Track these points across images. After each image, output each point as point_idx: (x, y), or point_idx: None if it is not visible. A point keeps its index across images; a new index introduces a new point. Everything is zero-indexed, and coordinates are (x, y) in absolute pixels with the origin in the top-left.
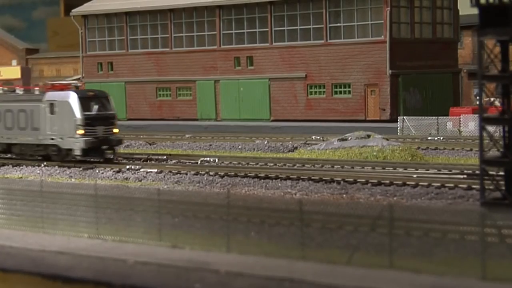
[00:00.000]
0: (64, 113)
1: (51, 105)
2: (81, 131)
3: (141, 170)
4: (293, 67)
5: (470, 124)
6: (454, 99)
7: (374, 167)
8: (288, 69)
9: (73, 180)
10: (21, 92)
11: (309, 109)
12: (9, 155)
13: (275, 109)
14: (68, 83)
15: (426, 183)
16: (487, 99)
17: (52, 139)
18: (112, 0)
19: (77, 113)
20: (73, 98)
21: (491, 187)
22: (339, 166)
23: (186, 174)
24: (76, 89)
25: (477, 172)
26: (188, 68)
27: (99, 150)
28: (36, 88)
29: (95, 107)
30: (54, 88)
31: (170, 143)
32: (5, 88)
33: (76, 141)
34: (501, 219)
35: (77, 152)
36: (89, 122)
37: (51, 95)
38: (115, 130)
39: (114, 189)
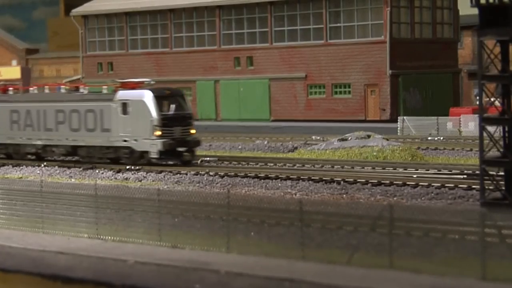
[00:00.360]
0: (139, 113)
1: (124, 104)
2: (158, 132)
3: (141, 170)
4: (293, 67)
5: (470, 124)
6: (454, 99)
7: (374, 167)
8: (288, 69)
9: (73, 180)
10: (85, 91)
11: (309, 109)
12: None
13: (275, 109)
14: (141, 81)
15: (426, 183)
16: (487, 99)
17: (125, 141)
18: (112, 0)
19: (154, 113)
20: (148, 97)
21: (491, 187)
22: (339, 166)
23: (186, 174)
24: (151, 87)
25: (477, 172)
26: (188, 68)
27: (176, 152)
28: (104, 87)
29: (172, 106)
30: (126, 86)
31: None
32: (67, 87)
33: (153, 143)
34: (501, 219)
35: (154, 154)
36: (166, 122)
37: (123, 94)
38: (192, 131)
39: (114, 189)
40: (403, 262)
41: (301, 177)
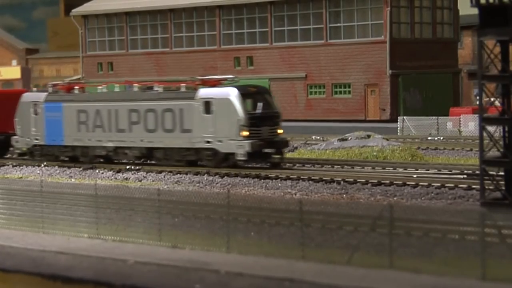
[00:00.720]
0: (224, 112)
1: (207, 103)
2: (246, 133)
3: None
4: (293, 67)
5: (470, 124)
6: (454, 99)
7: (374, 167)
8: (288, 69)
9: (73, 180)
10: (160, 89)
11: (309, 109)
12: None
13: None
14: (224, 77)
15: (426, 183)
16: (487, 99)
17: (208, 142)
18: (112, 0)
19: (240, 112)
20: (234, 95)
21: (491, 187)
22: (339, 166)
23: (186, 174)
24: (235, 84)
25: (477, 172)
26: (188, 68)
27: (263, 154)
28: (182, 84)
29: (259, 104)
30: (207, 83)
31: None
32: (139, 85)
33: (240, 144)
34: (501, 219)
35: (241, 156)
36: (254, 122)
37: (206, 92)
38: (280, 131)
39: (114, 189)
40: (403, 262)
41: (301, 177)
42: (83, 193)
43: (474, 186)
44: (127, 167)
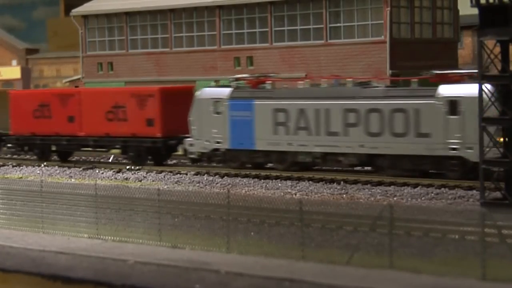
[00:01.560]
0: (476, 113)
1: (453, 102)
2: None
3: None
4: (293, 67)
5: None
6: None
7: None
8: (288, 69)
9: (73, 180)
10: (382, 86)
11: None
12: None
13: None
14: (468, 72)
15: (426, 183)
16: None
17: (454, 149)
18: (112, 0)
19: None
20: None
21: (491, 187)
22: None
23: (186, 174)
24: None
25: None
26: (188, 68)
27: None
28: (413, 80)
29: None
30: (447, 79)
31: None
32: (354, 80)
33: (497, 152)
34: (501, 219)
35: None
36: None
37: (450, 89)
38: None
39: (114, 189)
40: (403, 262)
41: (302, 177)
42: (83, 193)
43: (474, 186)
44: (127, 167)
